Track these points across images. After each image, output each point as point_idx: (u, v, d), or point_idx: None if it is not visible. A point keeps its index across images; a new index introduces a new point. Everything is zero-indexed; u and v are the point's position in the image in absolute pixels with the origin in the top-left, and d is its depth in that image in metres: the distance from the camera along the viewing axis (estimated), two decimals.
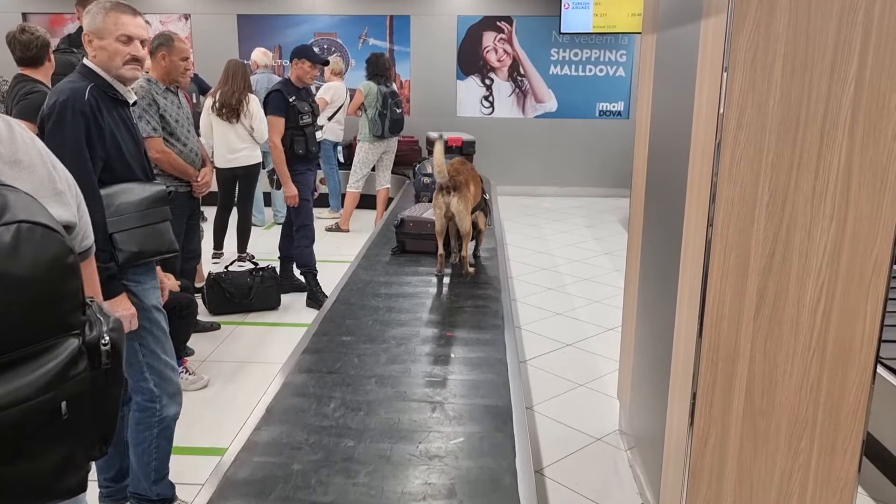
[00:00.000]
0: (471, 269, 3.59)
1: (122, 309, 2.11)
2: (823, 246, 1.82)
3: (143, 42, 2.26)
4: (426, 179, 5.14)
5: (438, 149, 3.40)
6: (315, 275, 4.95)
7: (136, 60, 2.25)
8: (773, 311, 1.88)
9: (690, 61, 2.08)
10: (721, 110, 1.78)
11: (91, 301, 1.13)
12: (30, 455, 1.03)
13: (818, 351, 1.89)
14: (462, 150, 6.13)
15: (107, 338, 1.10)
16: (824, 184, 1.79)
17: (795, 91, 1.75)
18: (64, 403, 1.04)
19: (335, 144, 7.46)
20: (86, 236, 1.31)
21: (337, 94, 7.19)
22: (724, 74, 1.76)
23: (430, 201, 4.00)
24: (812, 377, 1.91)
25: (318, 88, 7.09)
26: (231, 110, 5.36)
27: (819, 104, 1.75)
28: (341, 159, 7.90)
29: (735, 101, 1.77)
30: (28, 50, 3.36)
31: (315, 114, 4.89)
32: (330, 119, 7.18)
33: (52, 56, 3.52)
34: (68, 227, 1.19)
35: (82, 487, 1.13)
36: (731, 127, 1.78)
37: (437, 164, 3.42)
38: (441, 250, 3.55)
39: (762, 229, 1.84)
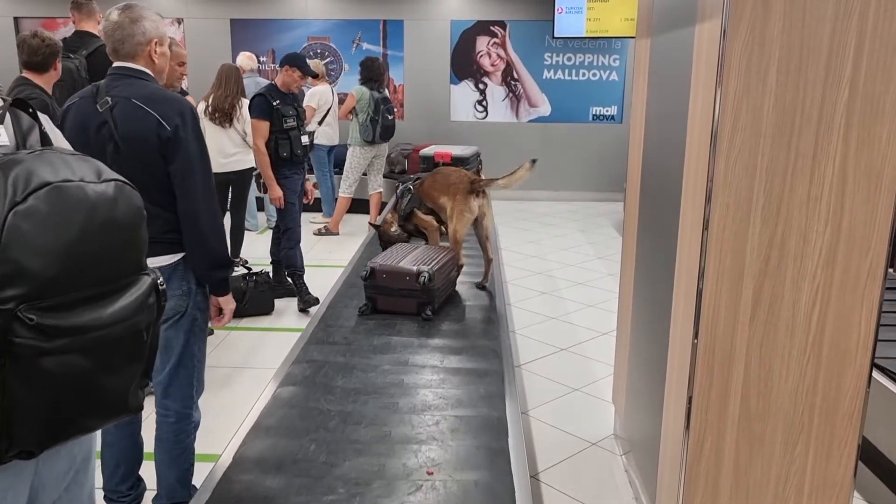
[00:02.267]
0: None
1: (231, 303, 2.46)
2: (818, 250, 1.82)
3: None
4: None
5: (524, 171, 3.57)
6: (301, 276, 4.97)
7: None
8: (768, 314, 1.88)
9: (685, 65, 2.08)
10: (716, 114, 1.78)
11: None
12: (118, 369, 1.26)
13: (814, 355, 1.89)
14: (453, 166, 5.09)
15: (161, 278, 1.35)
16: (819, 188, 1.79)
17: (790, 95, 1.75)
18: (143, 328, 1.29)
19: (329, 149, 7.43)
20: None
21: (323, 99, 7.12)
22: (719, 79, 1.77)
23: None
24: (808, 381, 1.90)
25: (302, 94, 7.09)
26: (224, 115, 5.34)
27: (814, 108, 1.75)
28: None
29: (730, 106, 1.77)
30: (35, 55, 3.38)
31: (301, 118, 4.91)
32: (320, 123, 7.16)
33: (58, 65, 3.52)
34: None
35: (142, 408, 1.36)
36: (726, 131, 1.78)
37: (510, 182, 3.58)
38: (462, 261, 3.30)
39: (757, 233, 1.84)
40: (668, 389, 2.21)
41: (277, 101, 4.71)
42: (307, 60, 5.12)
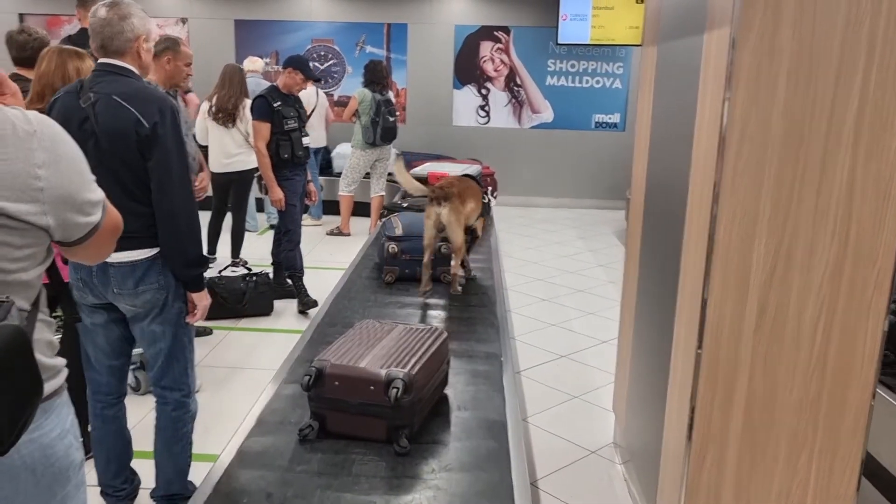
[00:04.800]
0: (459, 289, 3.24)
1: (206, 300, 2.42)
2: (825, 261, 1.81)
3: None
4: (393, 246, 3.29)
5: (395, 166, 3.28)
6: (301, 277, 4.96)
7: None
8: (773, 326, 1.86)
9: (692, 73, 2.07)
10: (723, 123, 1.77)
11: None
12: None
13: (818, 367, 1.87)
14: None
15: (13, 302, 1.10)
16: (827, 199, 1.78)
17: (798, 105, 1.74)
18: None
19: (315, 150, 7.33)
20: (75, 233, 1.29)
21: (305, 101, 7.11)
22: (727, 87, 1.75)
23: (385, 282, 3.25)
24: (812, 394, 1.89)
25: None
26: (227, 115, 5.34)
27: (822, 118, 1.74)
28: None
29: (738, 115, 1.76)
30: (23, 50, 3.36)
31: (302, 119, 4.92)
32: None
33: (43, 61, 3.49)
34: (40, 227, 1.20)
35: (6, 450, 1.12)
36: (734, 140, 1.77)
37: (404, 183, 3.25)
38: (426, 259, 3.14)
39: (763, 244, 1.82)
40: (671, 399, 2.20)
41: (279, 103, 4.71)
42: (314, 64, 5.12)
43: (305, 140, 4.90)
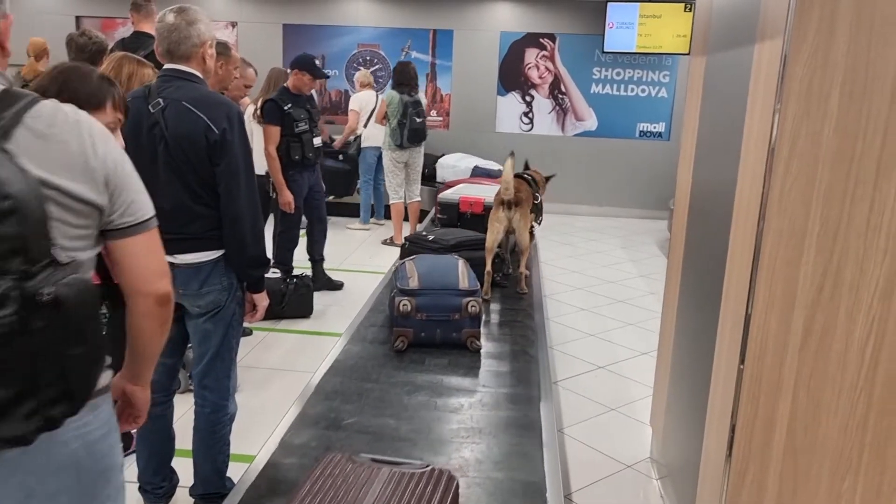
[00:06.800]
0: (525, 288, 3.42)
1: (265, 300, 2.49)
2: (875, 281, 1.76)
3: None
4: (405, 304, 2.60)
5: (509, 165, 3.24)
6: (290, 271, 5.11)
7: None
8: (819, 346, 1.82)
9: (742, 85, 2.04)
10: (773, 137, 1.74)
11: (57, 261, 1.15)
12: None
13: (865, 390, 1.82)
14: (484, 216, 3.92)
15: (47, 290, 1.10)
16: (879, 216, 1.73)
17: (852, 120, 1.70)
18: None
19: (380, 153, 7.18)
20: (126, 214, 1.30)
21: (364, 103, 7.33)
22: (778, 101, 1.72)
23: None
24: (858, 416, 1.84)
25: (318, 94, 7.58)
26: None
27: (877, 134, 1.69)
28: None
29: (788, 129, 1.72)
30: (82, 52, 3.46)
31: (314, 120, 5.02)
32: (365, 126, 7.30)
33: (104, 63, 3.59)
34: (94, 205, 1.24)
35: (24, 440, 1.14)
36: (783, 155, 1.74)
37: (506, 182, 3.25)
38: (489, 267, 3.29)
39: (811, 262, 1.78)
40: (710, 416, 2.16)
41: (289, 105, 4.84)
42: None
43: (317, 141, 5.00)
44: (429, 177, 7.82)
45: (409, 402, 2.27)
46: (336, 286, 5.49)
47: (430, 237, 3.52)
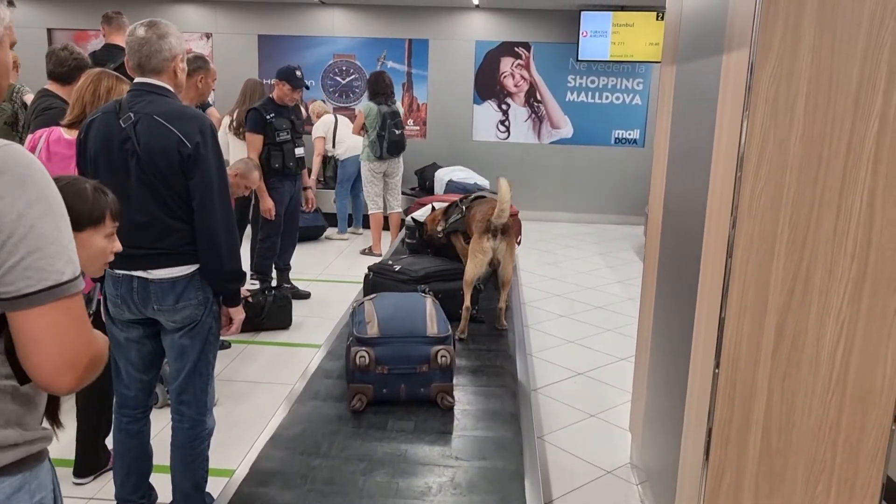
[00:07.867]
0: (505, 323, 3.17)
1: (242, 314, 2.47)
2: (844, 285, 1.80)
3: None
4: (362, 356, 2.32)
5: (505, 186, 2.90)
6: (269, 281, 5.15)
7: None
8: (791, 349, 1.85)
9: (711, 94, 2.07)
10: (742, 145, 1.77)
11: None
12: None
13: (837, 392, 1.85)
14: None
15: None
16: (846, 222, 1.77)
17: (818, 128, 1.74)
18: None
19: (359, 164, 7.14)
20: (14, 277, 1.00)
21: (327, 125, 7.53)
22: (746, 109, 1.75)
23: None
24: (831, 418, 1.87)
25: (307, 107, 7.75)
26: None
27: (842, 141, 1.73)
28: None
29: (756, 136, 1.76)
30: (60, 66, 3.40)
31: (297, 130, 5.11)
32: (333, 146, 7.48)
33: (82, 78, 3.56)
34: None
35: None
36: (752, 162, 1.77)
37: (502, 204, 2.88)
38: (468, 302, 3.01)
39: (782, 267, 1.81)
40: (688, 420, 2.18)
41: (272, 115, 4.94)
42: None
43: (299, 151, 5.09)
44: (429, 190, 7.71)
45: (364, 484, 1.92)
46: (303, 296, 5.49)
47: (397, 267, 3.23)
